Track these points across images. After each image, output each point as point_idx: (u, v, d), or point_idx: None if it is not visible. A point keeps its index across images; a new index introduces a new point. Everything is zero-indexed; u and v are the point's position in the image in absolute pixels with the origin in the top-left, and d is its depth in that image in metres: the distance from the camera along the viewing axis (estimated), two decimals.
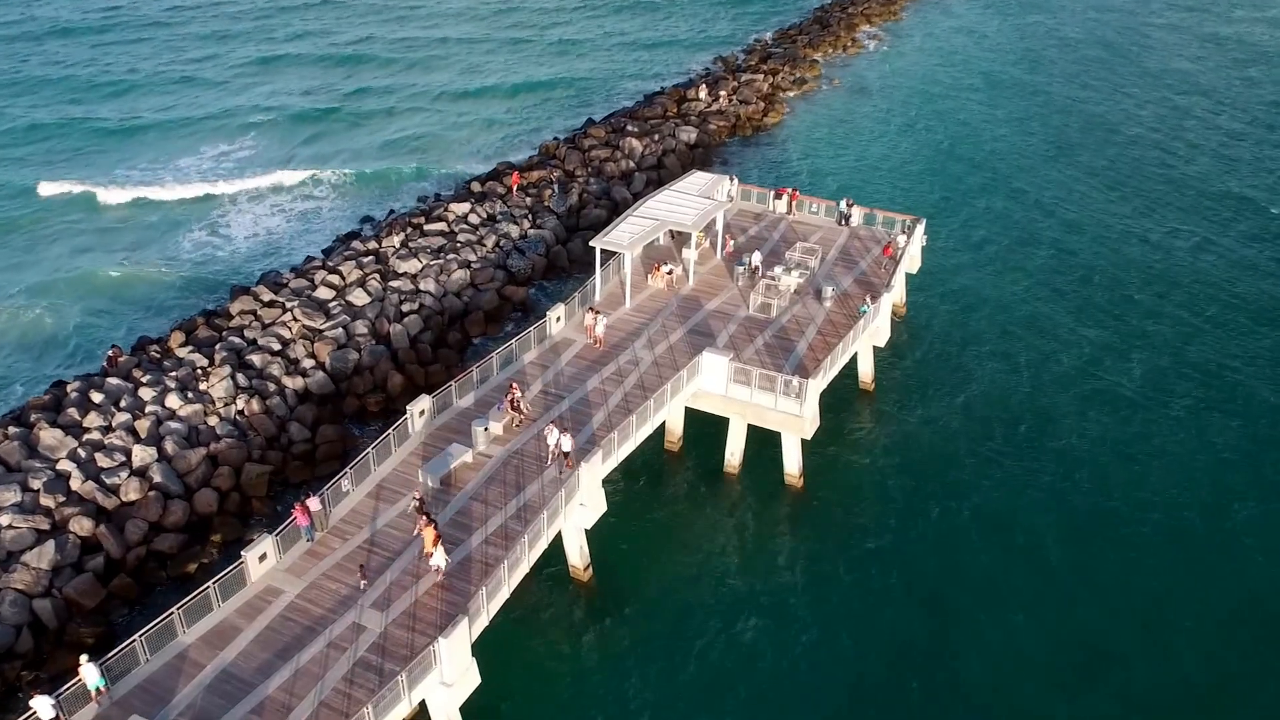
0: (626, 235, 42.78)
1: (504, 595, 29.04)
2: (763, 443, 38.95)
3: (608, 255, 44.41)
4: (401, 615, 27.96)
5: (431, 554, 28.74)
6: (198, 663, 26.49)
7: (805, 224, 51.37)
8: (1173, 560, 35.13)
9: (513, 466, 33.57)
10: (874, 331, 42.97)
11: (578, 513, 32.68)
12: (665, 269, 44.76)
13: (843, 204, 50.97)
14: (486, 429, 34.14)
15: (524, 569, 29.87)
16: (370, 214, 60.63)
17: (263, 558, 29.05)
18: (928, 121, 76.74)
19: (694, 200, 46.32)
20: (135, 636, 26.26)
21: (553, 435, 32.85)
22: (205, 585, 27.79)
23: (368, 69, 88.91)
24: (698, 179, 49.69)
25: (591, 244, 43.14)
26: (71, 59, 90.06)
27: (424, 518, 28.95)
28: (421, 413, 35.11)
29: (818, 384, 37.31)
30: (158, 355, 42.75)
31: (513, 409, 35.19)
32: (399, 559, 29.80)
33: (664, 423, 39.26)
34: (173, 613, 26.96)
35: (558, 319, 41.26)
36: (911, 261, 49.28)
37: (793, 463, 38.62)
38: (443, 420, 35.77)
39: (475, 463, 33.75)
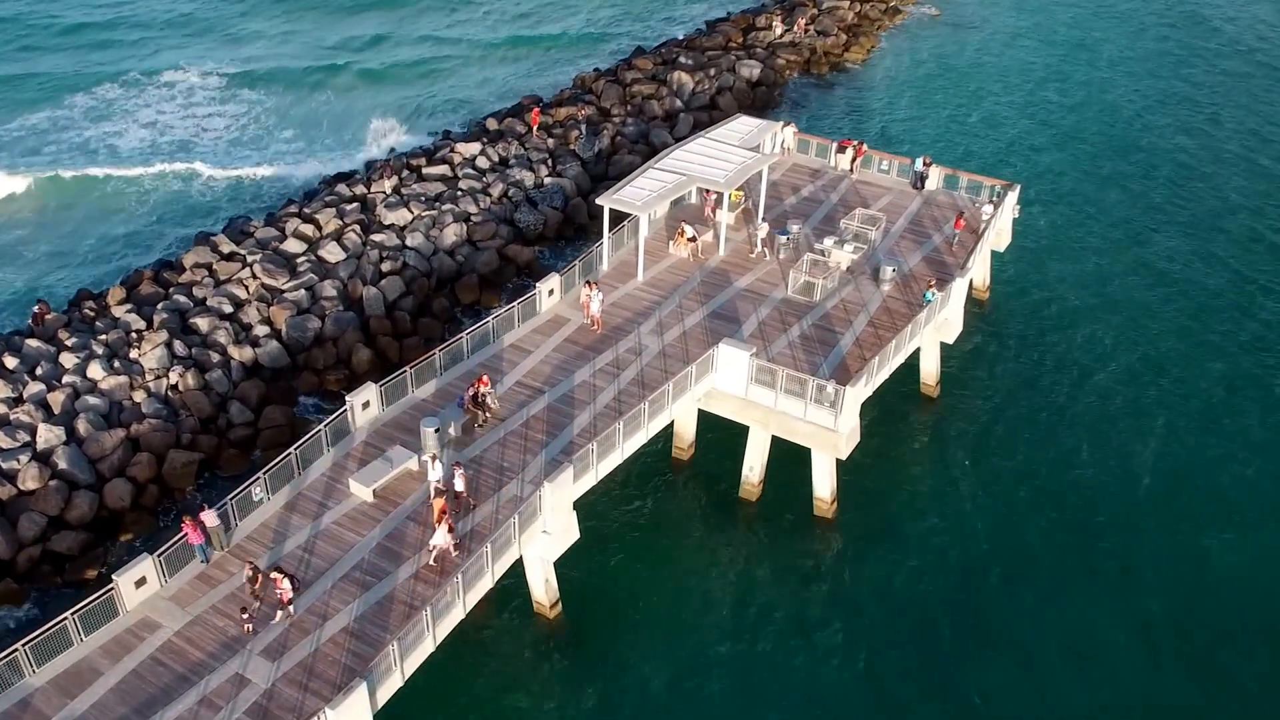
0: (641, 193, 38.02)
1: (428, 648, 25.18)
2: (790, 457, 34.17)
3: (620, 217, 39.74)
4: (295, 667, 24.31)
5: (442, 529, 26.09)
6: (42, 713, 23.27)
7: (871, 185, 45.79)
8: None
9: (467, 479, 29.45)
10: (941, 325, 37.61)
11: (540, 542, 28.57)
12: (689, 235, 39.91)
13: (919, 162, 45.20)
14: (438, 430, 30.09)
15: (457, 615, 25.94)
16: (371, 151, 56.81)
17: (140, 582, 25.65)
18: (1044, 68, 69.46)
19: (732, 152, 41.16)
20: None
21: (434, 470, 28.10)
22: (63, 616, 24.49)
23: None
24: (741, 125, 44.48)
25: (599, 201, 38.52)
26: None
27: (259, 583, 25.17)
28: (365, 405, 31.26)
29: (858, 392, 32.29)
30: (92, 314, 39.76)
31: (474, 405, 31.08)
32: (306, 592, 26.10)
33: (672, 423, 34.83)
34: (17, 649, 23.75)
35: (550, 292, 36.89)
36: (999, 237, 43.52)
37: (823, 485, 33.86)
38: (392, 414, 31.88)
39: (422, 471, 29.79)
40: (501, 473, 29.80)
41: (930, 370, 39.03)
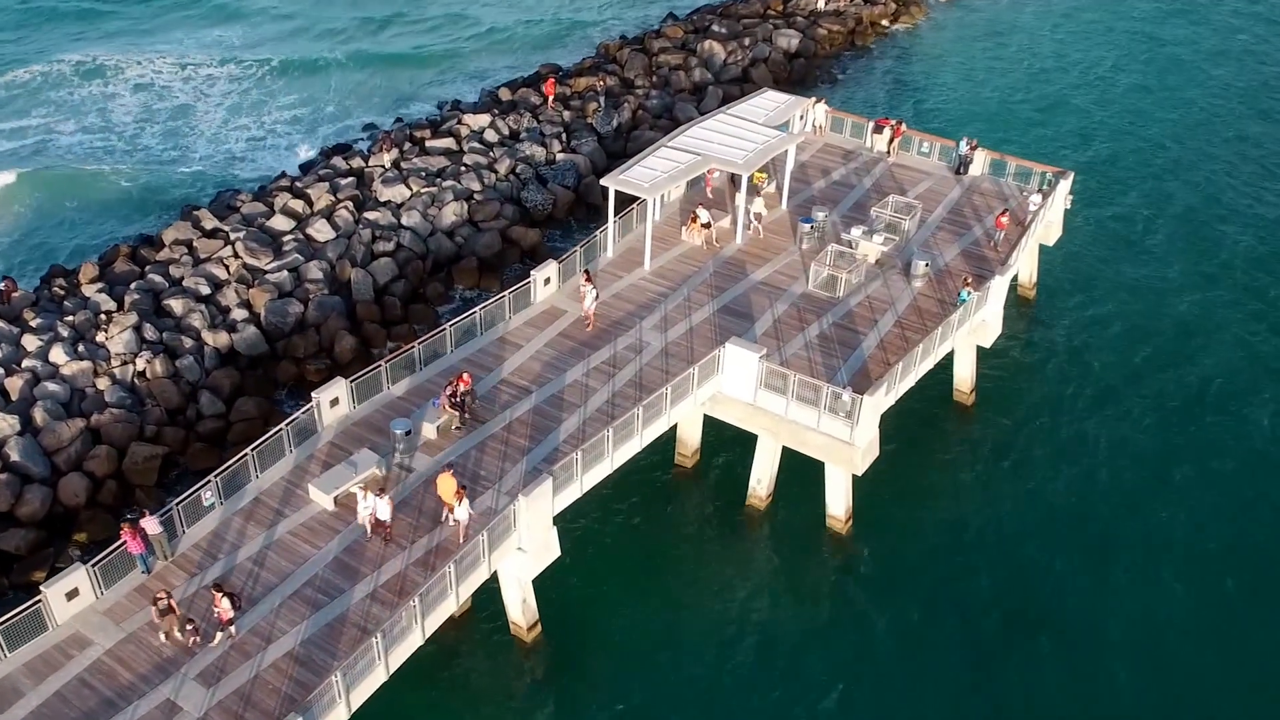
0: (650, 174, 36.18)
1: (380, 678, 23.72)
2: (803, 467, 32.21)
3: (628, 200, 37.88)
4: (231, 695, 22.95)
5: (452, 508, 25.82)
6: None
7: (909, 169, 43.46)
8: None
9: (393, 506, 27.42)
10: (977, 327, 35.39)
11: (515, 560, 26.98)
12: (702, 221, 37.97)
13: (962, 145, 42.79)
14: (408, 432, 28.59)
15: (414, 642, 24.43)
16: (376, 122, 55.40)
17: (72, 594, 24.45)
18: (1108, 46, 66.20)
19: (754, 130, 39.11)
20: None
21: (365, 502, 26.17)
22: None
23: None
24: (768, 100, 42.43)
25: (603, 183, 36.72)
26: None
27: (174, 615, 23.76)
28: (333, 402, 29.80)
29: (878, 403, 30.24)
30: (62, 292, 38.74)
31: (451, 406, 29.49)
32: (251, 610, 24.74)
33: (675, 428, 33.02)
34: None
35: (546, 280, 35.19)
36: (1049, 230, 41.07)
37: (837, 501, 31.95)
38: (364, 413, 30.39)
39: (391, 477, 28.29)
40: (476, 481, 28.20)
41: (964, 376, 36.85)
